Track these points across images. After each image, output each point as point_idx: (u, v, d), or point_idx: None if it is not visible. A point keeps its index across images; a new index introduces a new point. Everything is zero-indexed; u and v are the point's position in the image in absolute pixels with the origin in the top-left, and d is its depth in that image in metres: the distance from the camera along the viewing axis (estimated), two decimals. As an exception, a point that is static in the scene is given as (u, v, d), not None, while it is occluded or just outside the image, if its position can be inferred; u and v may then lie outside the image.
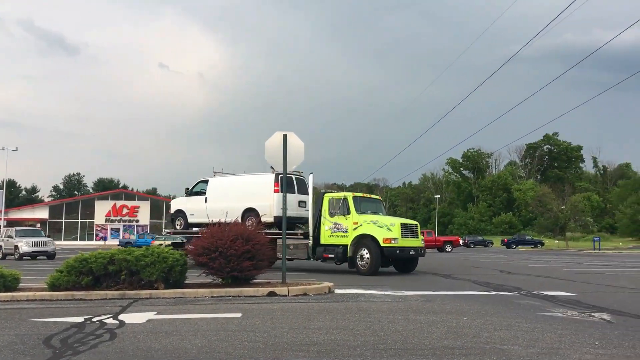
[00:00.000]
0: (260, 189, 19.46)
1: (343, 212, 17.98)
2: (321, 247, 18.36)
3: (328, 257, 18.11)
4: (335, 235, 18.15)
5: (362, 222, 17.69)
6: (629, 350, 6.09)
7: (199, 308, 9.34)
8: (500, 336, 6.88)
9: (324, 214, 18.45)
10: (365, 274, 16.86)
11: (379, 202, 20.18)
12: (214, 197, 20.75)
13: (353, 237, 17.64)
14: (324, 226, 18.47)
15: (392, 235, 17.18)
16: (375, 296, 11.28)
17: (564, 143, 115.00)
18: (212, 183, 21.29)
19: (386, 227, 17.42)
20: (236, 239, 11.33)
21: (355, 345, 6.24)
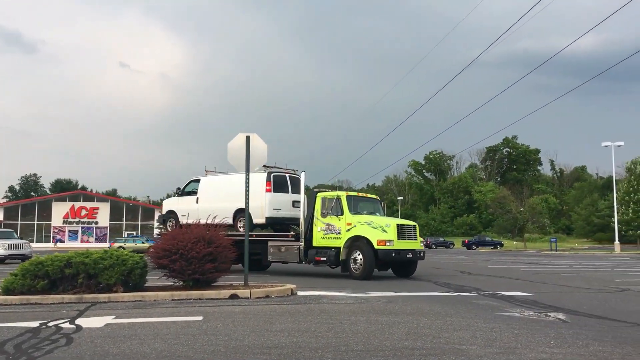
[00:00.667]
0: (252, 189, 18.68)
1: (336, 212, 17.00)
2: (313, 250, 17.40)
3: (320, 260, 17.13)
4: (328, 237, 17.19)
5: (356, 223, 16.66)
6: (582, 349, 6.26)
7: (159, 311, 9.21)
8: (459, 336, 6.99)
9: (316, 215, 17.47)
10: (358, 278, 15.92)
11: (376, 202, 19.04)
12: (205, 197, 19.93)
13: (346, 239, 16.68)
14: (316, 227, 17.49)
15: (387, 237, 16.14)
16: (337, 298, 11.32)
17: (523, 146, 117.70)
18: (204, 182, 20.39)
19: (381, 229, 16.34)
20: (198, 241, 11.22)
21: (316, 347, 6.25)
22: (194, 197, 20.14)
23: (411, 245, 16.92)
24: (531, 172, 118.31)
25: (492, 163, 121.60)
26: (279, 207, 18.20)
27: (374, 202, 18.92)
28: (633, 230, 51.09)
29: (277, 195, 18.23)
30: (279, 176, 18.66)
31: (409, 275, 17.28)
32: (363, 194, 19.44)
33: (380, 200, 19.75)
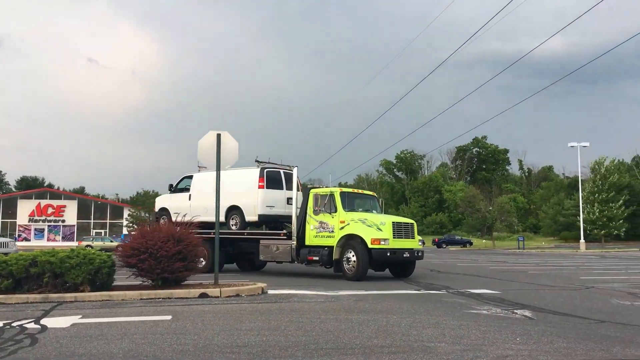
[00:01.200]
0: (245, 185, 17.81)
1: (329, 209, 16.17)
2: (306, 249, 16.58)
3: (313, 259, 16.33)
4: (321, 236, 16.37)
5: (350, 221, 15.85)
6: (547, 346, 6.39)
7: (127, 311, 9.08)
8: (428, 334, 7.07)
9: (309, 212, 16.66)
10: (351, 279, 15.14)
11: (373, 199, 18.08)
12: (197, 194, 19.20)
13: (339, 238, 15.87)
14: (309, 225, 16.66)
15: (382, 236, 15.31)
16: (308, 296, 11.33)
17: (492, 146, 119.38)
18: (196, 179, 19.60)
19: (375, 227, 15.56)
20: (167, 240, 11.10)
21: (286, 345, 6.25)
22: (186, 194, 19.51)
23: (408, 244, 16.10)
24: (500, 172, 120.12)
25: (462, 162, 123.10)
26: (273, 204, 17.62)
27: (370, 199, 18.13)
28: (598, 229, 52.30)
29: (271, 192, 17.61)
30: (273, 172, 18.04)
31: (407, 276, 16.42)
32: (358, 190, 18.53)
33: (377, 197, 18.64)
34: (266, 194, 17.45)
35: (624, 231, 53.75)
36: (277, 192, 17.66)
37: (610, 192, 53.40)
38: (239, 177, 18.13)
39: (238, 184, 17.86)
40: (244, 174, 18.15)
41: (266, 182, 17.51)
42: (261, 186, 17.41)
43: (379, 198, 18.69)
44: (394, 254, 15.44)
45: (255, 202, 17.39)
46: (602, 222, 52.20)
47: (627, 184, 64.96)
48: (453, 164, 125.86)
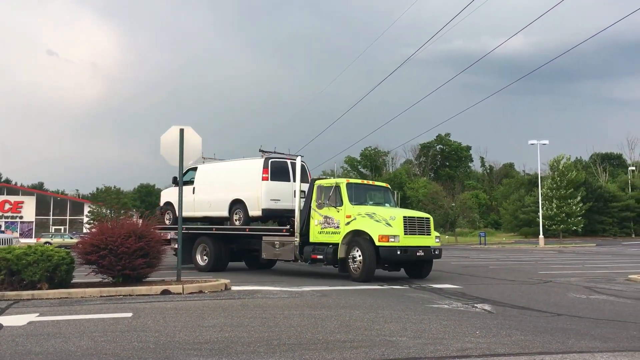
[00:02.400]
0: (248, 177, 16.44)
1: (335, 202, 14.60)
2: (310, 246, 15.03)
3: (317, 258, 14.77)
4: (326, 232, 14.80)
5: (356, 216, 14.25)
6: (505, 339, 6.53)
7: (87, 308, 8.91)
8: (390, 328, 7.14)
9: (313, 206, 15.16)
10: (357, 280, 13.70)
11: (385, 191, 16.30)
12: (201, 187, 17.96)
13: (345, 234, 14.27)
14: (313, 220, 15.13)
15: (391, 232, 13.66)
16: (272, 292, 11.32)
17: (455, 143, 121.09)
18: (201, 171, 18.34)
19: (384, 222, 13.89)
20: (128, 236, 10.91)
21: (249, 341, 6.23)
22: (190, 187, 18.09)
23: (422, 241, 14.33)
24: (463, 169, 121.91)
25: (426, 159, 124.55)
26: (278, 197, 16.10)
27: (382, 190, 16.32)
28: (556, 225, 53.56)
29: (276, 184, 16.12)
30: (279, 162, 16.55)
31: (422, 277, 14.80)
32: (368, 181, 17.05)
33: (391, 189, 16.74)
34: (270, 186, 16.07)
35: (581, 227, 55.25)
36: (283, 185, 16.12)
37: (568, 189, 54.74)
38: (242, 169, 17.05)
39: (241, 176, 16.84)
40: (247, 165, 17.00)
41: (271, 173, 16.13)
42: (265, 178, 16.05)
43: (394, 190, 17.02)
44: (405, 252, 13.74)
45: (258, 195, 16.06)
46: (561, 218, 53.47)
47: (585, 180, 66.76)
48: (417, 160, 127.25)
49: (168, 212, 19.19)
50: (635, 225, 70.12)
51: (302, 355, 5.57)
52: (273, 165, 16.28)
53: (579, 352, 5.76)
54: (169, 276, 12.45)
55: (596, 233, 67.14)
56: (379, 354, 5.65)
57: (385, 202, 15.71)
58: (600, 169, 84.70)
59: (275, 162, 16.43)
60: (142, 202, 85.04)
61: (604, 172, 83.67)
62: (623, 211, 69.06)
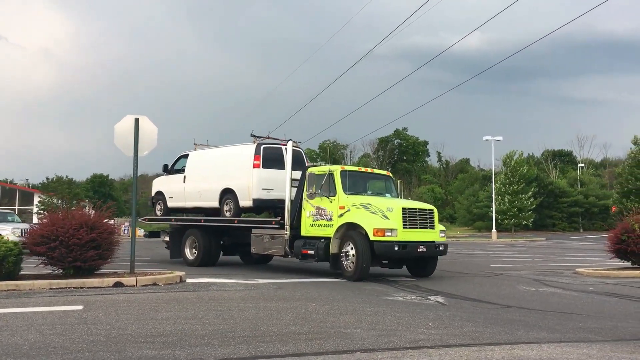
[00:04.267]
0: (239, 165, 15.30)
1: (327, 192, 13.23)
2: (301, 240, 13.67)
3: (307, 253, 13.40)
4: (317, 225, 13.43)
5: (350, 207, 12.86)
6: (457, 330, 6.67)
7: (35, 301, 8.67)
8: (345, 320, 7.20)
9: (304, 196, 13.83)
10: (349, 279, 12.37)
11: (386, 180, 14.89)
12: (192, 175, 16.93)
13: (337, 227, 12.90)
14: (304, 212, 13.75)
15: (388, 225, 12.27)
16: (227, 285, 11.25)
17: (412, 138, 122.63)
18: (192, 158, 17.27)
19: (380, 214, 12.55)
20: (80, 227, 10.64)
21: (203, 334, 6.17)
22: (181, 176, 17.29)
23: (424, 235, 12.98)
24: (420, 163, 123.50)
25: (384, 153, 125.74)
26: (271, 186, 14.79)
27: (382, 179, 14.96)
28: (508, 219, 54.89)
29: (269, 172, 14.86)
30: (272, 149, 15.33)
31: (426, 275, 13.62)
32: (366, 168, 15.45)
33: (393, 177, 15.32)
34: (262, 174, 14.84)
35: (532, 221, 56.77)
36: (276, 173, 14.68)
37: (520, 184, 56.20)
38: (233, 156, 15.90)
39: (232, 164, 15.68)
40: (238, 151, 15.82)
41: (263, 160, 14.91)
42: (256, 165, 14.83)
43: (396, 179, 15.58)
44: (403, 248, 12.34)
45: (249, 184, 14.86)
46: (513, 212, 54.82)
47: (536, 176, 68.64)
48: (375, 154, 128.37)
49: (159, 202, 18.20)
50: (583, 220, 72.49)
51: (256, 347, 5.56)
52: (265, 151, 15.12)
53: (526, 343, 5.93)
54: (124, 268, 12.21)
55: (546, 227, 69.14)
56: (333, 345, 5.68)
57: (386, 192, 14.40)
58: (551, 166, 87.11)
59: (268, 149, 15.28)
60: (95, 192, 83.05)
61: (554, 168, 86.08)
62: (572, 206, 71.29)
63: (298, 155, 15.30)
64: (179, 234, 17.02)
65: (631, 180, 58.14)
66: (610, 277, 13.95)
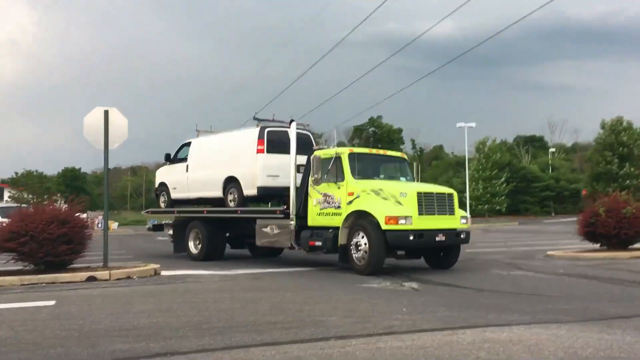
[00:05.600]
0: (242, 151, 14.35)
1: (335, 177, 12.15)
2: (308, 231, 12.53)
3: (315, 245, 12.29)
4: (325, 213, 12.28)
5: (360, 192, 11.70)
6: (430, 315, 6.76)
7: (6, 297, 8.53)
8: (320, 309, 7.24)
9: (311, 182, 12.66)
10: (362, 272, 11.17)
11: (400, 163, 13.70)
12: (195, 164, 15.99)
13: (346, 215, 11.77)
14: (311, 200, 12.61)
15: (401, 212, 11.10)
16: (203, 276, 11.21)
17: (387, 125, 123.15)
18: (194, 146, 16.35)
19: (393, 200, 11.44)
20: (51, 221, 10.48)
21: (178, 326, 6.15)
22: (183, 165, 16.35)
23: (443, 222, 11.81)
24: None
25: (359, 141, 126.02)
26: (277, 173, 13.63)
27: (396, 162, 13.72)
28: (482, 205, 55.66)
29: (274, 158, 13.72)
30: (277, 133, 14.11)
31: (447, 267, 12.43)
32: (378, 150, 14.09)
33: (407, 159, 14.11)
34: (267, 160, 13.79)
35: (505, 206, 57.64)
36: (283, 158, 13.30)
37: (493, 170, 57.04)
38: (236, 141, 14.92)
39: (234, 150, 14.73)
40: (240, 136, 14.87)
41: (268, 145, 13.82)
42: (260, 150, 13.77)
43: (411, 161, 14.41)
44: (420, 237, 11.18)
45: (253, 171, 13.82)
46: (486, 198, 55.64)
47: (509, 162, 69.55)
48: (350, 142, 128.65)
49: (163, 194, 17.32)
50: (555, 204, 73.82)
51: (231, 337, 5.56)
52: (270, 135, 13.98)
53: (498, 326, 6.03)
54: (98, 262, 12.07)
55: (519, 212, 70.21)
56: (308, 334, 5.72)
57: (400, 175, 13.19)
58: (523, 151, 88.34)
59: (273, 132, 14.13)
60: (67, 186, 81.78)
61: (526, 153, 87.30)
62: (544, 191, 72.48)
63: (305, 138, 14.22)
64: (182, 226, 16.26)
65: (601, 163, 59.35)
66: (580, 259, 14.26)
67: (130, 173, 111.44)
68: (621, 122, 60.68)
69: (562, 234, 28.41)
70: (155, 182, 18.12)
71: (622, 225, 14.32)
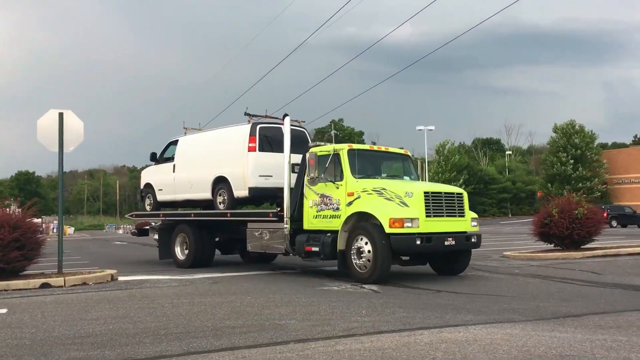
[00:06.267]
0: (231, 149, 13.38)
1: (333, 176, 11.20)
2: (303, 235, 11.56)
3: (311, 250, 11.28)
4: (323, 216, 11.34)
5: (361, 192, 10.76)
6: (389, 316, 6.83)
7: (-46, 306, 8.23)
8: (280, 312, 7.24)
9: (306, 182, 11.73)
10: (365, 281, 10.14)
11: (404, 160, 12.65)
12: (182, 164, 14.99)
13: (346, 218, 10.82)
14: (307, 201, 11.65)
15: (407, 214, 10.15)
16: (161, 281, 11.05)
17: (349, 129, 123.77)
18: (181, 145, 15.34)
19: (398, 200, 10.43)
20: (1, 226, 10.17)
21: (134, 333, 6.05)
22: (170, 165, 15.35)
23: (453, 225, 10.91)
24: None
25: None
26: (270, 173, 12.73)
27: (398, 159, 12.72)
28: (441, 206, 56.70)
29: (267, 157, 12.84)
30: (271, 129, 13.21)
31: (456, 273, 11.62)
32: (379, 147, 12.92)
33: (411, 157, 13.03)
34: (259, 159, 12.87)
35: (463, 208, 58.96)
36: (276, 157, 12.49)
37: (452, 172, 58.08)
38: (225, 139, 13.92)
39: (224, 148, 13.76)
40: (230, 133, 13.85)
41: (260, 142, 12.93)
42: (252, 148, 12.83)
43: (414, 159, 13.55)
44: (427, 241, 10.24)
45: (244, 171, 12.84)
46: (445, 200, 56.71)
47: (467, 164, 70.94)
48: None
49: (148, 196, 16.24)
50: (512, 206, 75.55)
51: (189, 343, 5.50)
52: (262, 132, 13.09)
53: (454, 326, 6.14)
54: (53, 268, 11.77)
55: (477, 214, 71.47)
56: (267, 337, 5.70)
57: (404, 174, 12.32)
58: (481, 153, 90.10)
59: (266, 129, 13.20)
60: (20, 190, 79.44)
61: (484, 156, 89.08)
62: (501, 193, 74.09)
63: (300, 135, 13.18)
64: (168, 231, 15.24)
65: (556, 164, 61.05)
66: (534, 259, 14.63)
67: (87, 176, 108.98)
68: (573, 125, 62.61)
69: (518, 234, 29.12)
70: (141, 183, 17.10)
71: (574, 226, 14.75)
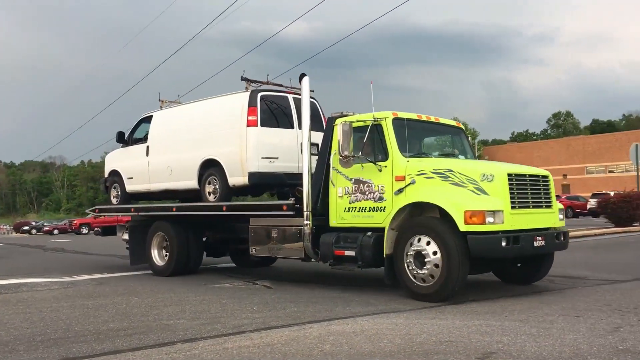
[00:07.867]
0: (225, 124, 10.29)
1: (372, 154, 8.28)
2: (331, 234, 8.59)
3: (344, 255, 8.32)
4: (359, 209, 8.40)
5: (415, 176, 7.86)
6: (281, 312, 6.86)
7: None
8: (168, 312, 7.04)
9: (333, 164, 8.75)
10: (430, 299, 7.34)
11: (458, 134, 9.69)
12: (158, 145, 11.77)
13: (396, 211, 7.87)
14: (335, 189, 8.73)
15: (488, 206, 7.27)
16: (39, 285, 10.38)
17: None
18: (156, 121, 12.03)
19: (472, 186, 7.54)
20: None
21: (7, 340, 5.64)
22: (143, 147, 12.07)
23: (540, 220, 8.01)
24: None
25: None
26: (276, 154, 9.96)
27: (451, 132, 9.70)
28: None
29: (272, 133, 10.00)
30: (275, 98, 10.37)
31: (533, 281, 8.82)
32: (428, 117, 9.16)
33: (465, 131, 9.96)
34: (262, 136, 9.88)
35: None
36: (283, 134, 10.07)
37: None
38: (216, 112, 10.69)
39: (214, 124, 10.56)
40: (223, 104, 10.66)
41: (262, 115, 9.91)
42: (252, 122, 9.80)
43: (468, 133, 11.11)
44: (515, 242, 7.30)
45: (242, 152, 9.84)
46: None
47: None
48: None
49: (115, 186, 13.02)
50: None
51: (68, 349, 5.21)
52: (265, 102, 10.11)
53: (343, 318, 6.28)
54: None
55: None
56: (154, 339, 5.52)
57: (458, 152, 9.48)
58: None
59: (269, 98, 10.26)
60: None
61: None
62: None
63: (312, 107, 9.58)
64: (142, 229, 12.10)
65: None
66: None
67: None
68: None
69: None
70: (105, 171, 13.66)
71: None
